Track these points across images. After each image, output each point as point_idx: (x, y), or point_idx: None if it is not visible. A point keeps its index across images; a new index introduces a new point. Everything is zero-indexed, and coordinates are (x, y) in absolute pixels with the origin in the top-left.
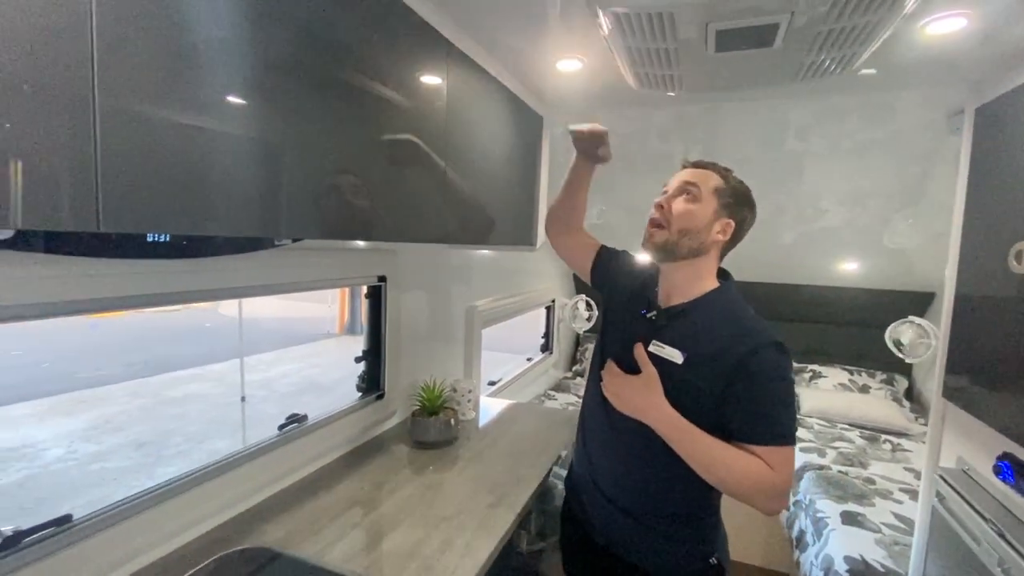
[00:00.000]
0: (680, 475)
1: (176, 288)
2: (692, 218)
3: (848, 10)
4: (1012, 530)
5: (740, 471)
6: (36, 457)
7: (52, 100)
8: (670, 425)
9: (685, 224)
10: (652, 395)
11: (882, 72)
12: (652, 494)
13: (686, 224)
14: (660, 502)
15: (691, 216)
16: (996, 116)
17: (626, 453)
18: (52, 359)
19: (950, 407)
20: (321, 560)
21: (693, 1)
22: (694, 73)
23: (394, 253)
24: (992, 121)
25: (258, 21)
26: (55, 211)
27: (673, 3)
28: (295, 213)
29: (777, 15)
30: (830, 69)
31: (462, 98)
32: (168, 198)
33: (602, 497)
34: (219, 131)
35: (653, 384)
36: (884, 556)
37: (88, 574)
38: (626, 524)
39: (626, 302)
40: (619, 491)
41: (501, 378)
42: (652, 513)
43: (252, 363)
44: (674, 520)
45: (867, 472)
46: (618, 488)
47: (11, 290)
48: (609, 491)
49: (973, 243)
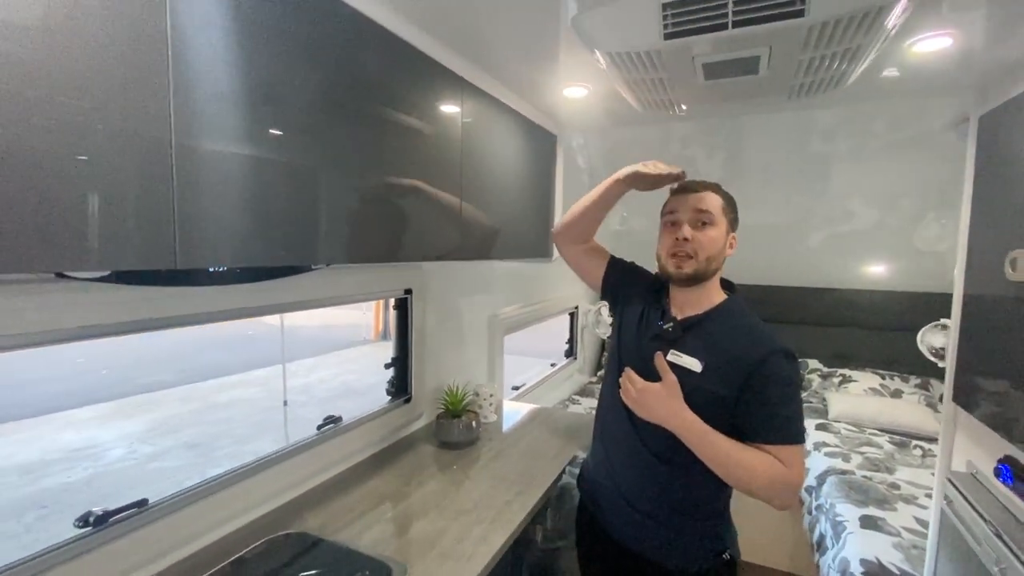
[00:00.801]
0: (698, 476)
1: (230, 306)
2: (714, 244)
3: (823, 41)
4: (1010, 531)
5: (758, 470)
6: (100, 457)
7: (136, 144)
8: (691, 430)
9: (710, 251)
10: (674, 402)
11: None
12: (672, 494)
13: (711, 251)
14: (680, 502)
15: (713, 243)
16: (999, 123)
17: (649, 456)
18: (112, 367)
19: (960, 411)
20: (354, 545)
21: (675, 43)
22: (690, 97)
23: (420, 268)
24: (995, 128)
25: (303, 64)
26: (142, 253)
27: (658, 43)
28: (334, 241)
29: (756, 48)
30: (821, 88)
31: (477, 126)
32: (232, 234)
33: (621, 498)
34: (275, 166)
35: (675, 391)
36: (901, 559)
37: (162, 548)
38: (646, 523)
39: (639, 312)
40: (640, 492)
41: (524, 383)
42: (671, 512)
43: (292, 369)
44: (692, 518)
45: (892, 477)
46: (639, 489)
47: (103, 313)
48: (630, 492)
49: (978, 248)
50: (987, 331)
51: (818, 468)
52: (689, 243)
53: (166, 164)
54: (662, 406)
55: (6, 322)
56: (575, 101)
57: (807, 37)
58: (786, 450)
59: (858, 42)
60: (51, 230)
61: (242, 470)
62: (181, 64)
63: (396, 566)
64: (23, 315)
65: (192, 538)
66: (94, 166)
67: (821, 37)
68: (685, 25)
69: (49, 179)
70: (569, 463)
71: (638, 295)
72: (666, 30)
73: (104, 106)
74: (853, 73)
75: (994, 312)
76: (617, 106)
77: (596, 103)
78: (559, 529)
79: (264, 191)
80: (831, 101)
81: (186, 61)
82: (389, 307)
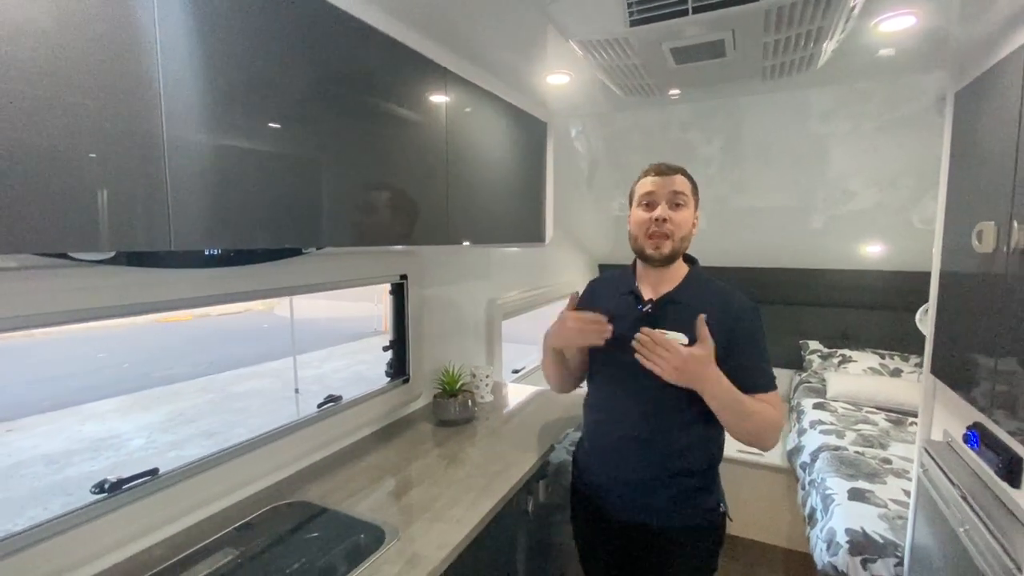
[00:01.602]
0: (701, 436)
1: (226, 290)
2: (687, 224)
3: (784, 23)
4: (974, 493)
5: (763, 417)
6: (121, 447)
7: (129, 136)
8: (723, 389)
9: (684, 231)
10: (712, 367)
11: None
12: (682, 456)
13: (685, 231)
14: (688, 462)
15: (686, 223)
16: (972, 98)
17: (662, 422)
18: (131, 361)
19: (939, 383)
20: (351, 511)
21: (641, 30)
22: (666, 81)
23: (415, 254)
24: (968, 104)
25: (292, 59)
26: (138, 234)
27: (625, 30)
28: (325, 226)
29: (720, 32)
30: (794, 69)
31: (462, 114)
32: (224, 217)
33: (627, 474)
34: (264, 156)
35: (711, 357)
36: (885, 529)
37: (173, 514)
38: (655, 492)
39: (613, 307)
40: (652, 458)
41: (524, 367)
42: (680, 474)
43: (306, 360)
44: (696, 477)
45: (885, 453)
46: (652, 455)
47: (105, 295)
48: (641, 460)
49: (952, 224)
50: (959, 305)
51: (812, 445)
52: (667, 223)
53: (159, 154)
54: (706, 369)
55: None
56: (560, 88)
57: (766, 20)
58: (772, 396)
59: (819, 23)
60: (58, 214)
61: (247, 444)
62: (169, 61)
63: (389, 529)
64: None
65: (201, 504)
66: (99, 161)
67: (780, 19)
68: (648, 12)
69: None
70: (560, 440)
71: (605, 293)
72: (631, 17)
73: (103, 102)
74: (822, 54)
75: (964, 286)
76: (603, 92)
77: (581, 90)
78: (553, 503)
79: (251, 179)
80: (826, 80)
81: (173, 58)
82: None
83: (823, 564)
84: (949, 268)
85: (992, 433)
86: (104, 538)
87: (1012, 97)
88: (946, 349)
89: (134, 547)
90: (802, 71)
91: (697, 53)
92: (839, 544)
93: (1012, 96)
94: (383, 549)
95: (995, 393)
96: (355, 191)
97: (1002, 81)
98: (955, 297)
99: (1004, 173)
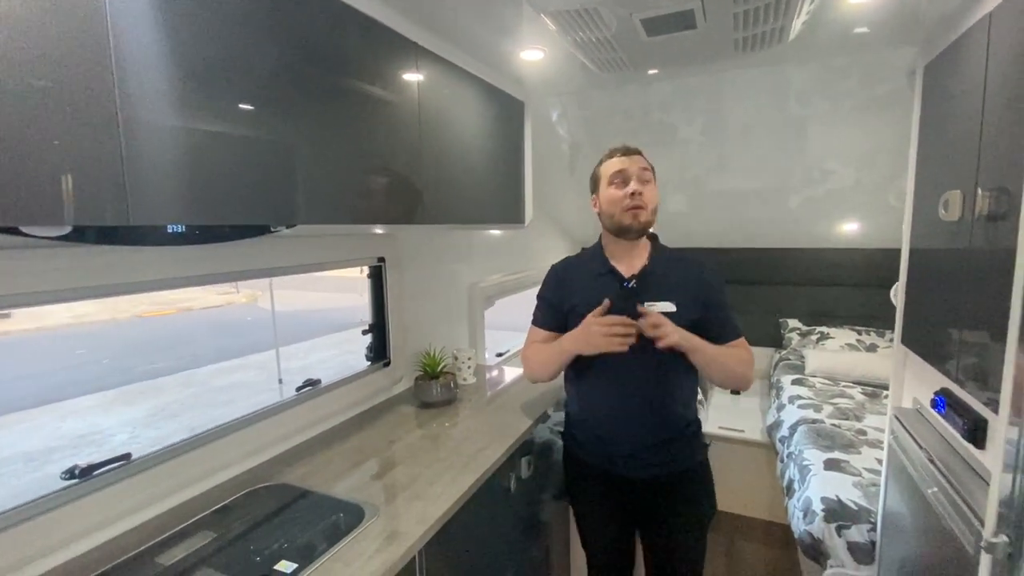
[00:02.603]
0: (692, 390)
1: (194, 272)
2: (656, 196)
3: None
4: (941, 456)
5: (740, 360)
6: (104, 443)
7: (84, 115)
8: (705, 345)
9: (655, 203)
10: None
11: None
12: (687, 408)
13: (655, 202)
14: (690, 412)
15: (655, 195)
16: (940, 71)
17: (668, 384)
18: (112, 355)
19: (909, 353)
20: (331, 492)
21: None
22: (639, 55)
23: (394, 237)
24: (937, 77)
25: (259, 38)
26: (96, 209)
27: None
28: (293, 203)
29: (689, 2)
30: (765, 42)
31: (434, 91)
32: (185, 193)
33: (648, 430)
34: (227, 134)
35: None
36: (860, 496)
37: (146, 499)
38: (671, 442)
39: (591, 290)
40: (668, 417)
41: (508, 350)
42: (689, 425)
43: (292, 352)
44: (693, 424)
45: (860, 424)
46: (668, 414)
47: (60, 277)
48: (659, 420)
49: (921, 197)
50: (927, 274)
51: (791, 419)
52: (642, 195)
53: (115, 130)
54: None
55: None
56: (535, 64)
57: None
58: (741, 340)
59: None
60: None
61: (222, 428)
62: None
63: (369, 507)
64: None
65: (177, 489)
66: (51, 134)
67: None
68: None
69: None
70: (540, 418)
71: (579, 279)
72: None
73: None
74: (792, 26)
75: (932, 255)
76: (580, 70)
77: (557, 67)
78: (536, 481)
79: (215, 154)
80: (804, 57)
81: (126, 39)
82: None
83: (800, 532)
84: (918, 239)
85: (958, 398)
86: (75, 524)
87: (977, 67)
88: (915, 319)
89: (107, 532)
90: (774, 44)
91: (668, 24)
92: (815, 512)
93: (977, 66)
94: (362, 526)
95: (960, 359)
96: (321, 168)
97: (967, 52)
98: (923, 267)
99: (970, 141)
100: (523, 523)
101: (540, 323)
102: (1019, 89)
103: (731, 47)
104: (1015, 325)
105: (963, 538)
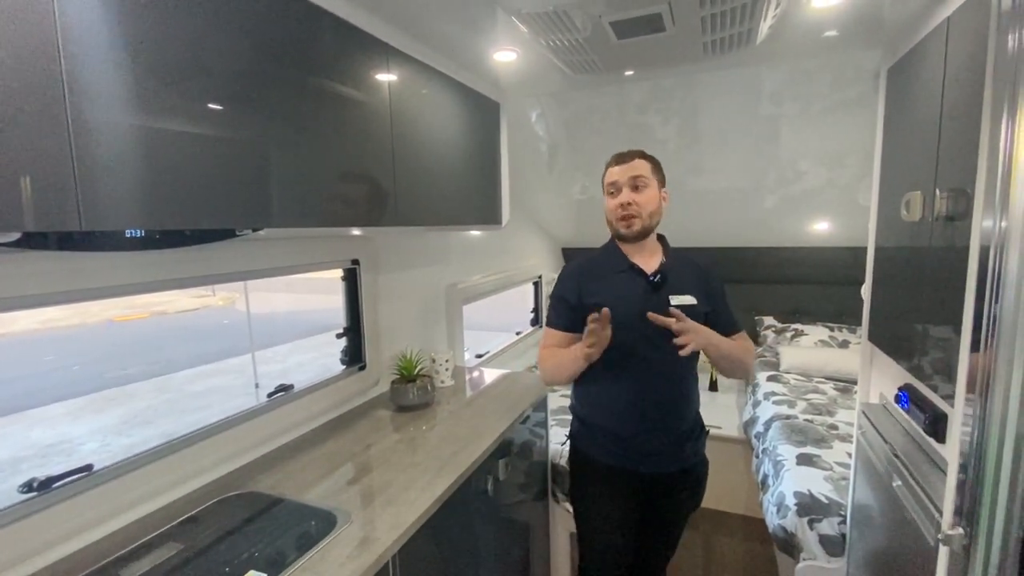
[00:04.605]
0: (694, 388)
1: (156, 277)
2: (652, 202)
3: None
4: (905, 449)
5: (747, 351)
6: (73, 452)
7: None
8: (720, 340)
9: (651, 208)
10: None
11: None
12: (695, 407)
13: (652, 208)
14: (697, 411)
15: (651, 201)
16: (902, 74)
17: (684, 380)
18: (82, 362)
19: (876, 350)
20: (304, 499)
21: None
22: (611, 58)
23: (368, 239)
24: (899, 79)
25: (223, 35)
26: (42, 214)
27: (564, 2)
28: (258, 206)
29: (657, 5)
30: (734, 45)
31: (406, 92)
32: (143, 197)
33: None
34: (189, 134)
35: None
36: (830, 490)
37: (110, 511)
38: (688, 438)
39: (612, 285)
40: (686, 412)
41: (488, 351)
42: (696, 424)
43: (270, 355)
44: (695, 418)
45: (832, 419)
46: (687, 410)
47: (15, 284)
48: (680, 415)
49: (885, 197)
50: (891, 273)
51: (766, 415)
52: (632, 205)
53: (62, 131)
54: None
55: None
56: (509, 66)
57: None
58: (743, 332)
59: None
60: None
61: (190, 436)
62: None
63: (341, 514)
64: None
65: (142, 500)
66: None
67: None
68: None
69: None
70: (518, 419)
71: (602, 277)
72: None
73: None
74: (760, 29)
75: (896, 255)
76: (554, 71)
77: (530, 69)
78: (515, 482)
79: (176, 157)
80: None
81: (75, 30)
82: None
83: (774, 527)
84: (882, 239)
85: (920, 393)
86: (32, 539)
87: (936, 70)
88: (880, 316)
89: (68, 547)
90: (743, 47)
91: (637, 27)
92: (788, 507)
93: (936, 69)
94: (334, 533)
95: (922, 355)
96: (289, 170)
97: (927, 55)
98: (887, 266)
99: (929, 144)
100: (502, 525)
101: (555, 324)
102: (974, 92)
103: (700, 50)
104: (968, 321)
105: (924, 530)
